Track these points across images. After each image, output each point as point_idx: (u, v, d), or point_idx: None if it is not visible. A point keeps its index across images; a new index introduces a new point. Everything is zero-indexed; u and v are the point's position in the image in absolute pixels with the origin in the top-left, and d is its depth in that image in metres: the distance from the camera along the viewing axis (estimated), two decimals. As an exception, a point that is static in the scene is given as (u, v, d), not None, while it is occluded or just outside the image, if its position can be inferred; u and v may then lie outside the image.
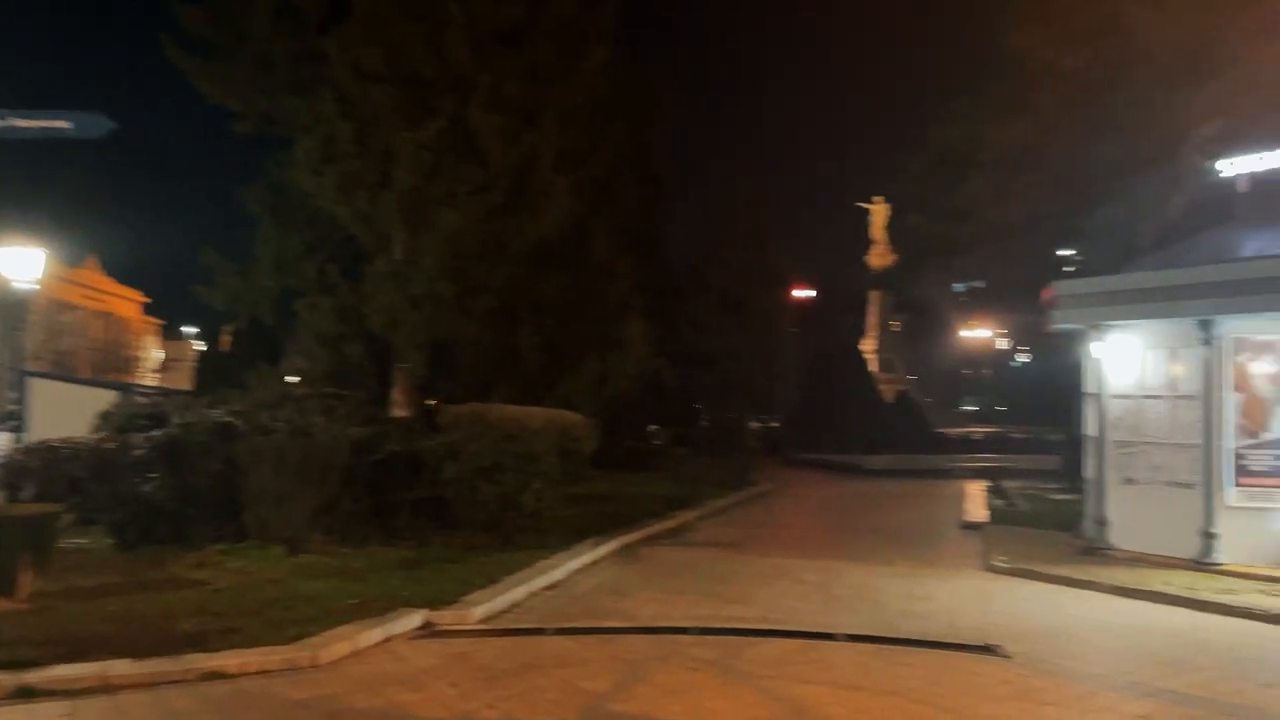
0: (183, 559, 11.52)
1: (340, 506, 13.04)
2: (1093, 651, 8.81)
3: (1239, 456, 11.97)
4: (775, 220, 41.83)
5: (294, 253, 19.91)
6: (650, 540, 15.10)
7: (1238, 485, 11.95)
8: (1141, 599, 10.86)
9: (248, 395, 14.91)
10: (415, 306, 18.26)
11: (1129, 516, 12.84)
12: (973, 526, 16.95)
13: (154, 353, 55.90)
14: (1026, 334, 76.22)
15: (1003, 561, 12.76)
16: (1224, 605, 10.28)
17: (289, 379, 20.23)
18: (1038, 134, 18.19)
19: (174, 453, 12.69)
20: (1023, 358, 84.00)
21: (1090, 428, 13.80)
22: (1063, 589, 11.49)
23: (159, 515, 12.47)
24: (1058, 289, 13.36)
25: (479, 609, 9.90)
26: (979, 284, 55.87)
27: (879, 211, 54.89)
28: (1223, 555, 11.79)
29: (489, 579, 11.02)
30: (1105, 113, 16.99)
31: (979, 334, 72.43)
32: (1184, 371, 12.39)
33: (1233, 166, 13.30)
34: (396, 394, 19.58)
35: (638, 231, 28.02)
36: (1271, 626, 9.63)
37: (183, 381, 38.96)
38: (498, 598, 10.34)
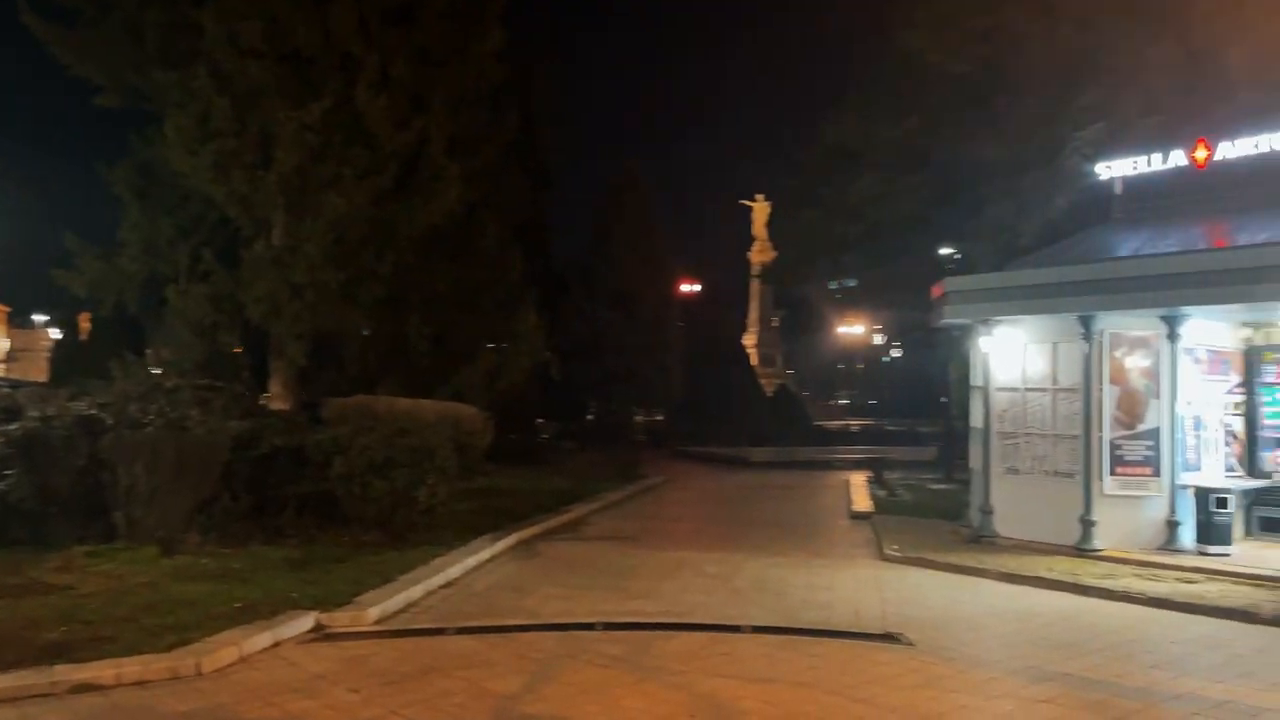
0: (43, 562, 10.64)
1: (218, 504, 12.33)
2: (989, 637, 9.03)
3: (1115, 447, 12.53)
4: (664, 215, 42.00)
5: (164, 236, 18.74)
6: (547, 535, 14.83)
7: (1114, 474, 12.51)
8: (1028, 584, 11.24)
9: (111, 387, 13.90)
10: (297, 294, 17.46)
11: (1013, 505, 13.30)
12: (861, 516, 17.30)
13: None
14: (900, 330, 79.14)
15: (895, 550, 13.02)
16: (1105, 589, 10.71)
17: (156, 370, 19.05)
18: (926, 134, 18.73)
19: (32, 448, 11.75)
20: (895, 353, 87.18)
21: (976, 420, 14.25)
22: (954, 576, 11.80)
23: (14, 515, 11.52)
24: (947, 285, 13.74)
25: (374, 610, 9.47)
26: (851, 282, 57.39)
27: (760, 209, 55.91)
28: (1100, 541, 12.33)
29: (383, 578, 10.58)
30: (991, 115, 17.64)
31: (854, 330, 74.76)
32: (1065, 365, 12.90)
33: (1109, 170, 13.93)
34: (274, 386, 18.70)
35: (526, 223, 27.64)
36: (1149, 609, 10.07)
37: (35, 372, 36.44)
38: (393, 597, 9.92)
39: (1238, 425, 13.40)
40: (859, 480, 24.04)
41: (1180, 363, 12.46)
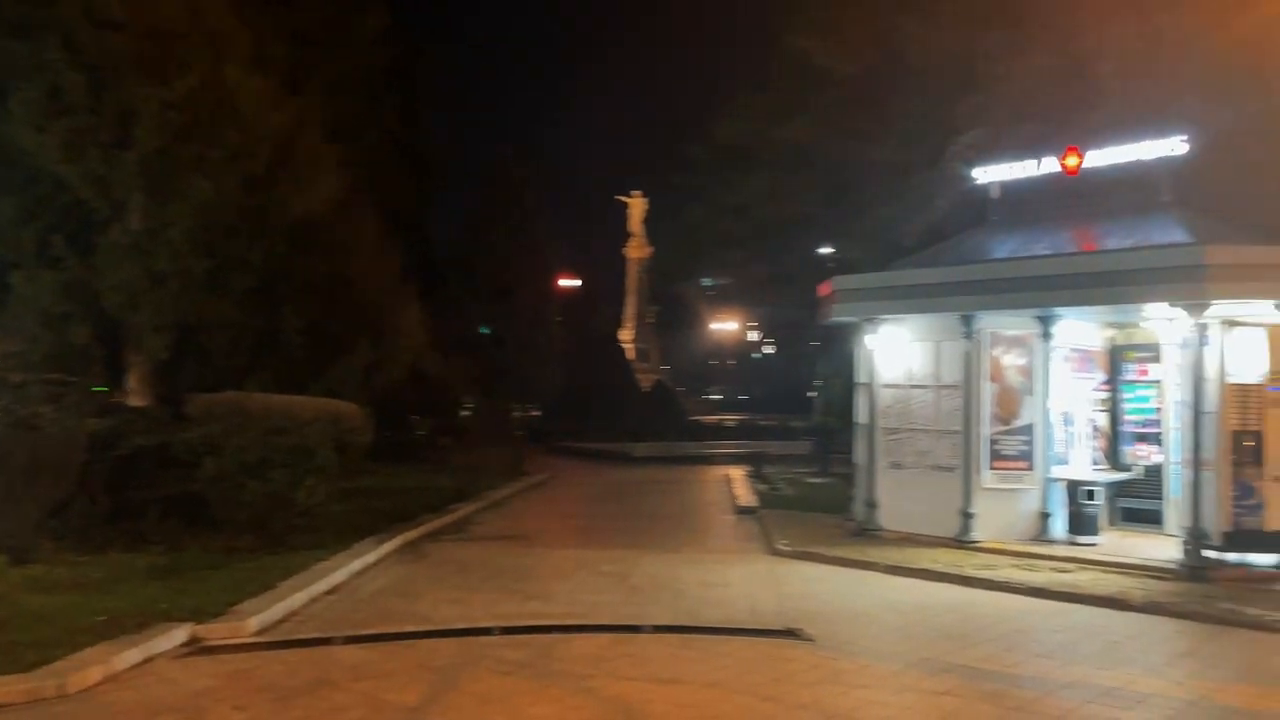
0: None
1: (74, 508, 11.43)
2: (885, 630, 9.17)
3: (993, 442, 12.99)
4: (545, 209, 41.53)
5: (7, 218, 17.24)
6: (433, 536, 14.39)
7: (992, 469, 12.97)
8: (915, 577, 11.52)
9: (-55, 382, 12.69)
10: (159, 283, 16.37)
11: (897, 499, 13.65)
12: (747, 511, 17.47)
13: None
14: (778, 327, 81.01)
15: (786, 545, 13.16)
16: (987, 580, 11.08)
17: (-2, 363, 17.55)
18: (814, 135, 19.06)
19: None
20: (768, 349, 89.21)
21: (861, 416, 14.55)
22: (843, 570, 11.99)
23: None
24: (836, 284, 13.97)
25: (253, 620, 8.92)
26: (725, 280, 58.35)
27: (637, 205, 56.07)
28: (979, 533, 12.76)
29: (262, 585, 10.00)
30: (878, 118, 18.09)
31: (727, 327, 76.11)
32: (947, 363, 13.30)
33: (987, 174, 14.43)
34: (132, 380, 17.50)
35: (406, 212, 26.87)
36: (1029, 599, 10.45)
37: None
38: (274, 606, 9.39)
39: (1102, 421, 14.09)
40: (739, 475, 24.35)
41: (1053, 361, 13.02)
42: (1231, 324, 11.03)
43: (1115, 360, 14.21)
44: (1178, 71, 15.09)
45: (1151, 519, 13.63)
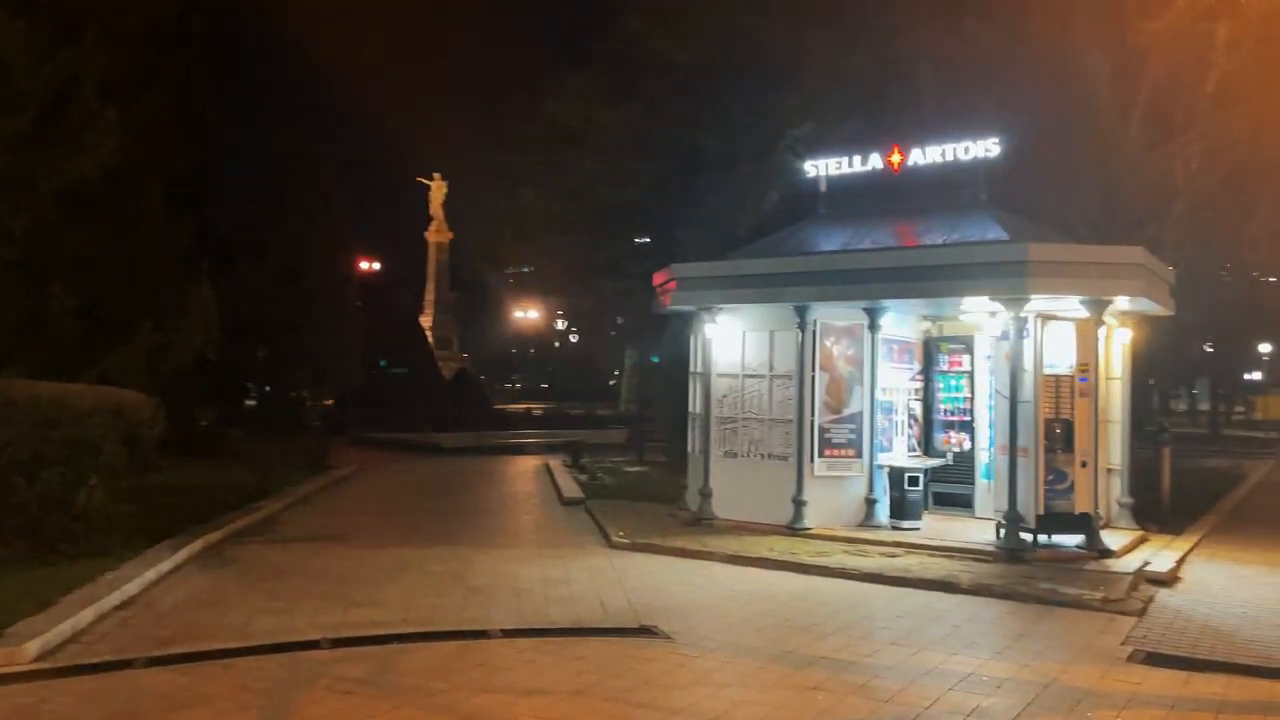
0: None
1: None
2: (738, 624, 9.01)
3: (824, 431, 13.23)
4: (344, 188, 39.39)
5: None
6: (238, 538, 13.12)
7: (822, 456, 13.21)
8: (754, 566, 11.52)
9: None
10: (-105, 253, 14.07)
11: (731, 488, 13.66)
12: (574, 502, 17.10)
13: None
14: (578, 315, 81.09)
15: (622, 537, 12.87)
16: (823, 567, 11.22)
17: None
18: (647, 120, 18.84)
19: None
20: (572, 338, 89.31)
21: (696, 405, 14.48)
22: (683, 561, 11.84)
23: None
24: (675, 272, 13.80)
25: (33, 643, 7.68)
26: (527, 268, 57.84)
27: (438, 188, 54.48)
28: (810, 520, 12.96)
29: (38, 602, 8.67)
30: (711, 107, 18.07)
31: (529, 315, 75.46)
32: (781, 353, 13.42)
33: (816, 168, 14.68)
34: None
35: (190, 185, 24.55)
36: (866, 584, 10.64)
37: None
38: (57, 625, 8.13)
39: (917, 409, 14.68)
40: (556, 465, 23.99)
41: (879, 352, 13.40)
42: (1047, 318, 11.67)
43: (930, 352, 14.83)
44: (988, 79, 15.96)
45: (963, 503, 14.34)
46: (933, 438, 14.77)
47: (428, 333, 51.52)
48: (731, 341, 13.84)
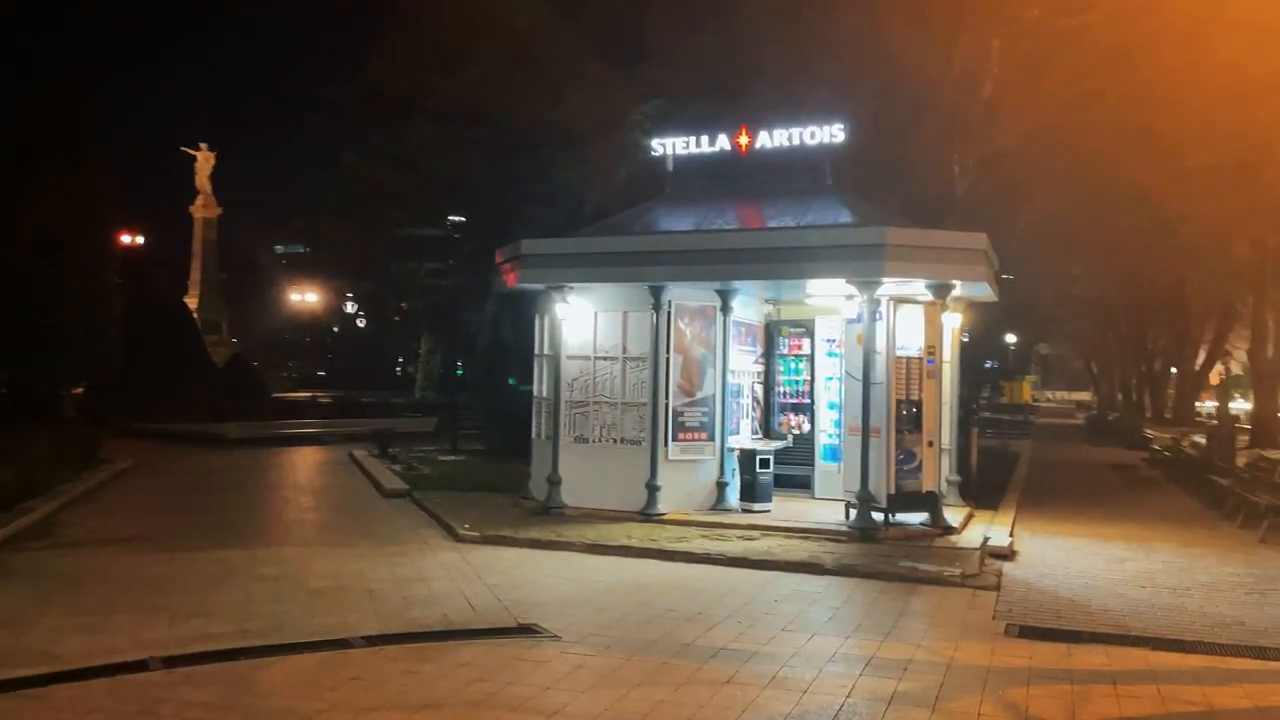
0: None
1: None
2: (621, 617, 8.52)
3: (678, 414, 12.96)
4: (107, 154, 35.44)
5: None
6: (13, 544, 11.28)
7: (676, 440, 12.94)
8: (615, 554, 11.08)
9: None
10: None
11: (581, 474, 13.14)
12: (398, 494, 16.03)
13: None
14: (366, 299, 77.62)
15: (469, 530, 12.08)
16: (687, 553, 10.94)
17: None
18: (486, 89, 17.79)
19: None
20: (360, 323, 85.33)
21: (543, 389, 13.85)
22: (540, 553, 11.22)
23: None
24: (525, 249, 13.06)
25: None
26: (300, 248, 54.73)
27: (205, 159, 50.27)
28: (663, 505, 12.66)
29: None
30: (555, 79, 17.29)
31: (307, 298, 71.37)
32: (635, 335, 13.02)
33: (664, 146, 14.37)
34: None
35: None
36: (734, 569, 10.44)
37: None
38: None
39: (759, 392, 14.73)
40: (363, 456, 22.66)
41: (730, 334, 13.28)
42: (900, 301, 11.90)
43: (770, 335, 14.91)
44: (830, 68, 16.24)
45: (802, 484, 14.53)
46: (772, 420, 14.88)
47: (195, 315, 47.50)
48: (583, 322, 13.30)
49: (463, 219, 22.91)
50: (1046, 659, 7.40)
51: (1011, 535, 12.44)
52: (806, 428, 14.60)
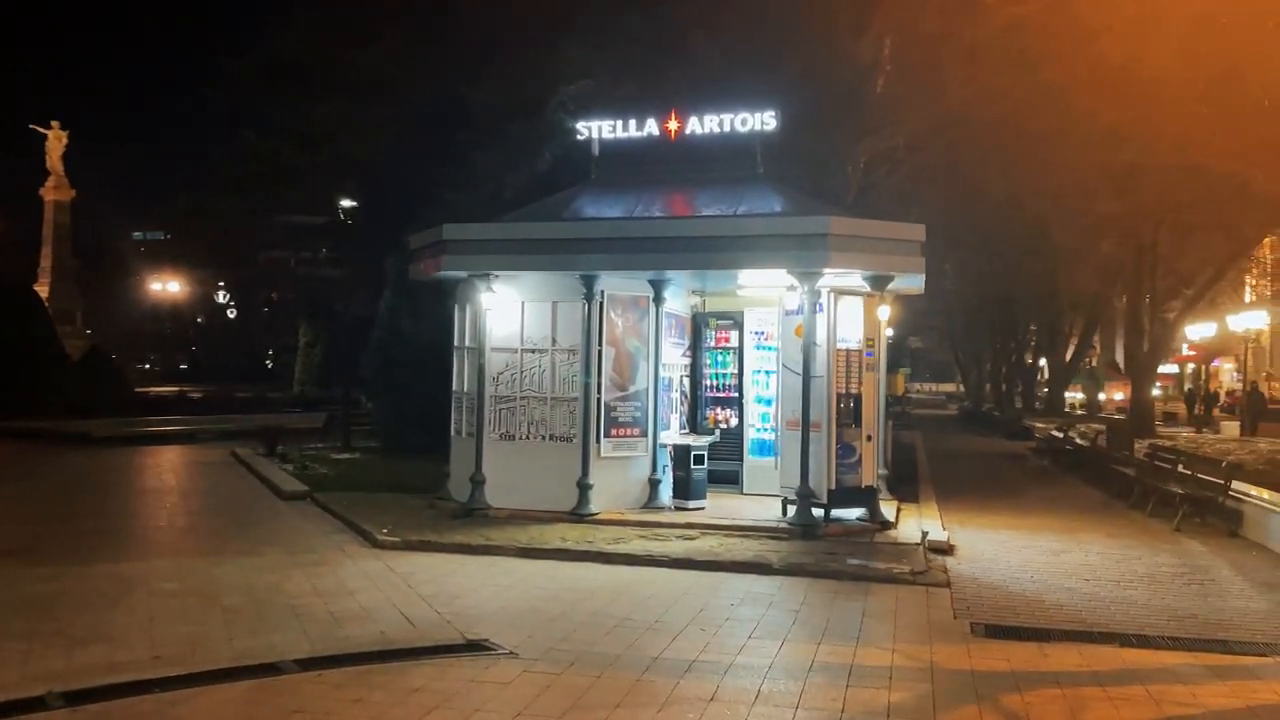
0: None
1: None
2: (578, 628, 7.94)
3: (610, 409, 12.41)
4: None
5: None
6: None
7: (609, 436, 12.39)
8: (552, 558, 10.48)
9: None
10: None
11: (507, 473, 12.44)
12: (298, 497, 15.00)
13: None
14: (237, 288, 74.00)
15: (388, 535, 11.25)
16: (628, 555, 10.43)
17: None
18: (397, 64, 16.69)
19: None
20: (230, 313, 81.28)
21: (465, 383, 13.10)
22: (471, 558, 10.51)
23: None
24: (449, 233, 12.23)
25: None
26: (161, 234, 51.68)
27: (56, 138, 46.82)
28: (596, 504, 12.11)
29: None
30: (473, 55, 16.32)
31: (169, 286, 67.48)
32: (565, 326, 12.41)
33: (589, 130, 13.77)
34: None
35: None
36: (681, 571, 9.97)
37: None
38: None
39: (687, 386, 14.33)
40: (249, 454, 21.36)
41: (663, 325, 12.82)
42: (840, 293, 11.65)
43: (698, 327, 14.53)
44: (756, 54, 15.91)
45: (730, 480, 14.20)
46: (699, 414, 14.50)
47: (45, 304, 44.15)
48: (509, 313, 12.61)
49: (355, 203, 21.65)
50: (1024, 660, 7.20)
51: (944, 530, 12.39)
52: (734, 422, 14.28)
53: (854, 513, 11.95)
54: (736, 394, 14.35)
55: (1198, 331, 38.76)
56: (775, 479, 13.77)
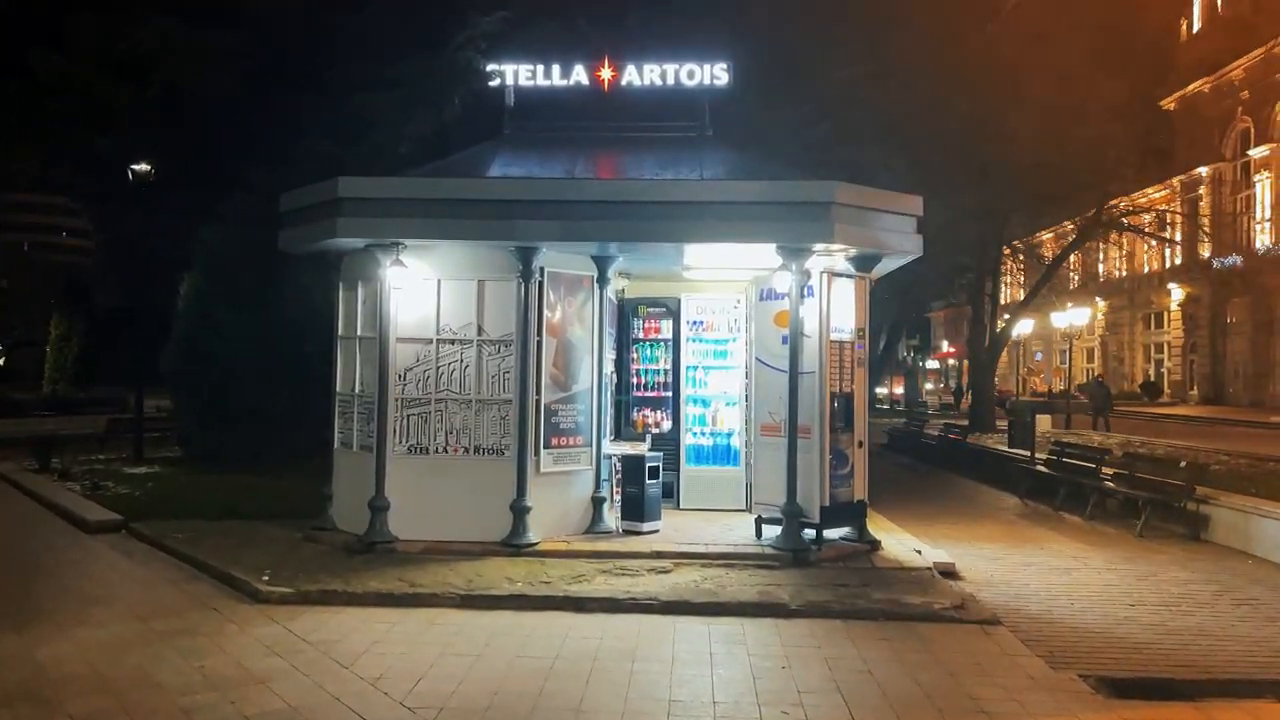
0: None
1: None
2: (596, 714, 5.75)
3: (550, 413, 10.08)
4: None
5: None
6: None
7: (549, 447, 10.05)
8: (507, 607, 8.11)
9: None
10: None
11: (416, 496, 9.81)
12: (108, 528, 11.70)
13: None
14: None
15: (271, 585, 8.46)
16: (605, 599, 8.22)
17: None
18: None
19: None
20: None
21: (355, 383, 10.36)
22: (398, 613, 7.95)
23: None
24: (343, 189, 9.43)
25: None
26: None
27: None
28: (535, 531, 9.75)
29: None
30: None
31: None
32: (495, 310, 9.96)
33: (502, 74, 11.35)
34: None
35: None
36: (681, 620, 7.88)
37: None
38: None
39: (613, 384, 12.19)
40: (17, 471, 17.51)
41: (606, 312, 10.64)
42: (834, 275, 9.88)
43: (625, 315, 12.44)
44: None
45: (665, 493, 12.14)
46: (624, 418, 12.39)
47: None
48: (421, 294, 9.99)
49: (148, 167, 17.90)
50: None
51: (931, 548, 10.86)
52: (667, 426, 12.22)
53: (839, 531, 10.21)
54: (669, 393, 12.35)
55: (1020, 328, 40.33)
56: (718, 491, 11.97)
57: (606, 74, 11.27)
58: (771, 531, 10.04)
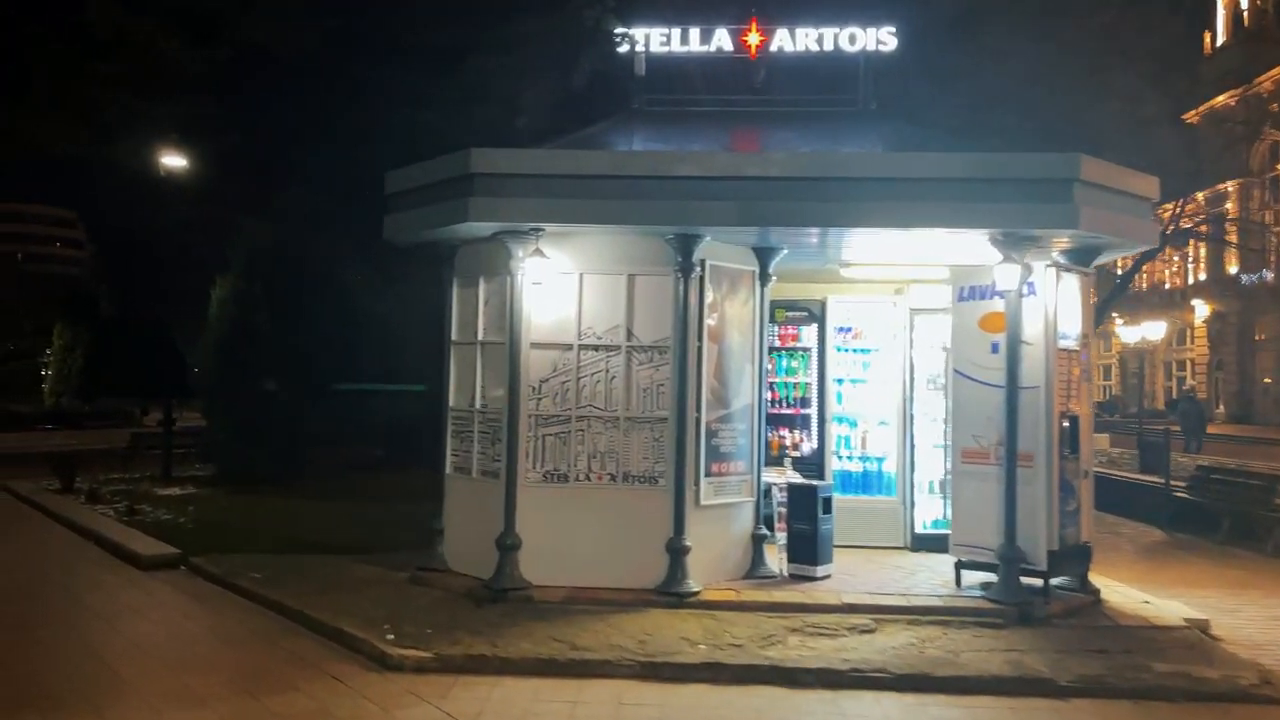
0: None
1: None
2: None
3: (711, 434, 8.39)
4: None
5: None
6: None
7: (709, 475, 8.37)
8: (697, 679, 6.44)
9: None
10: None
11: (552, 532, 8.11)
12: (164, 564, 10.06)
13: None
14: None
15: (399, 648, 6.77)
16: (821, 671, 6.54)
17: None
18: None
19: None
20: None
21: (468, 396, 8.70)
22: (569, 685, 6.28)
23: None
24: (476, 163, 7.77)
25: None
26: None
27: None
28: (695, 577, 8.06)
29: None
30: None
31: None
32: (647, 310, 8.29)
33: (631, 40, 9.75)
34: None
35: None
36: (915, 699, 6.22)
37: None
38: None
39: (747, 400, 10.50)
40: (39, 492, 16.05)
41: (766, 315, 8.98)
42: (1062, 270, 8.20)
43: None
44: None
45: (807, 526, 10.44)
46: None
47: None
48: (559, 290, 8.32)
49: (183, 162, 16.34)
50: None
51: (1148, 598, 9.14)
52: (807, 448, 10.55)
53: (1058, 579, 8.47)
54: (809, 410, 10.67)
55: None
56: (869, 525, 10.28)
57: (753, 39, 9.66)
58: (973, 577, 8.35)
